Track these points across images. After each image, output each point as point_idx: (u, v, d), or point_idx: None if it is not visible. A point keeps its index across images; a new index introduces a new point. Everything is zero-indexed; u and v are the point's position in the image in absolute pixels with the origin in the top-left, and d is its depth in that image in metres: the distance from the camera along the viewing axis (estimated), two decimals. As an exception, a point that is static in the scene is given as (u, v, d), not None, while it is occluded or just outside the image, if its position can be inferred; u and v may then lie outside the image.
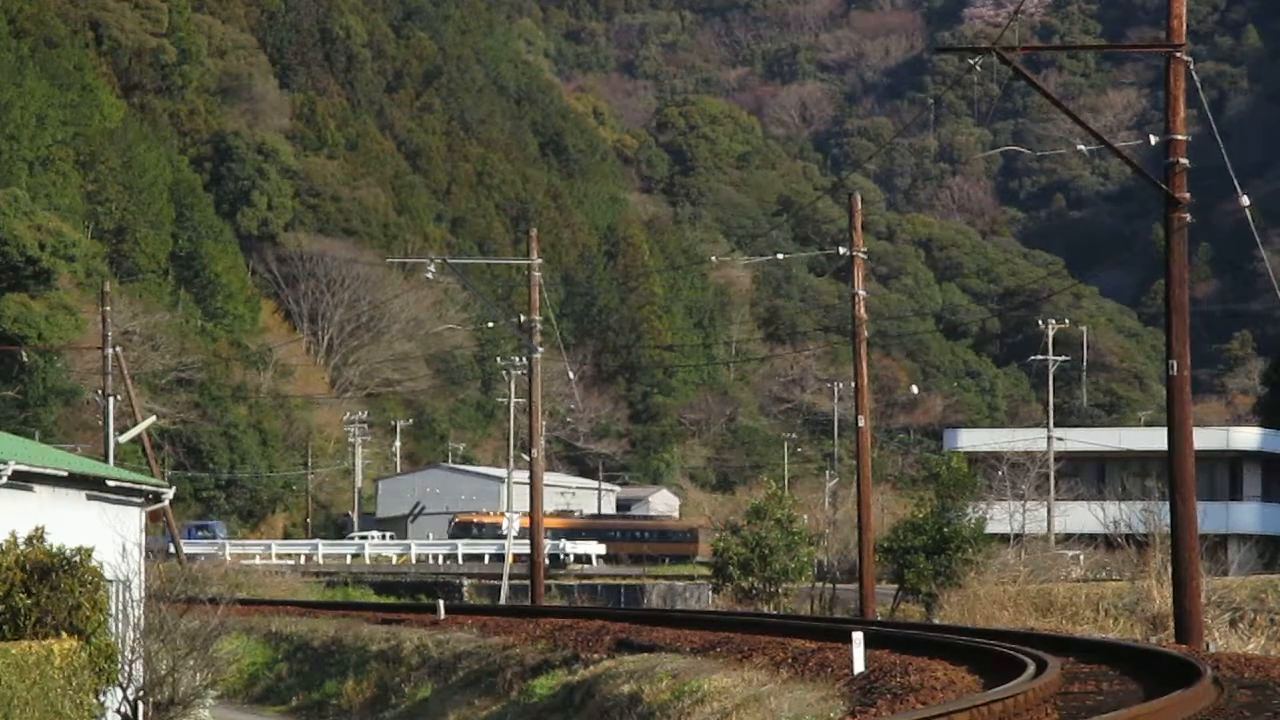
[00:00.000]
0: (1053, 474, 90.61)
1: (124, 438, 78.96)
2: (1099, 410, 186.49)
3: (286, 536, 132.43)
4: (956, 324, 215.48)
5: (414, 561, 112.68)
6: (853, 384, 57.79)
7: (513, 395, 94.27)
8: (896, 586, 69.14)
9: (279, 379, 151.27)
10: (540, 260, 65.90)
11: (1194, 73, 33.48)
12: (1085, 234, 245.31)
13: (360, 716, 50.40)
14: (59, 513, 33.39)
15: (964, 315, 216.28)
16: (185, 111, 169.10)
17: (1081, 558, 76.33)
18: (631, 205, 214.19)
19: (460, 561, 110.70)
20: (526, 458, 71.39)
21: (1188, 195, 33.45)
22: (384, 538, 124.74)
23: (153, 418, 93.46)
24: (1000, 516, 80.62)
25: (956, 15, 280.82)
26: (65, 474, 34.85)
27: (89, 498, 35.54)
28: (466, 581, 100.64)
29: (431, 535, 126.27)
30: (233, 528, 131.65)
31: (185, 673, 35.47)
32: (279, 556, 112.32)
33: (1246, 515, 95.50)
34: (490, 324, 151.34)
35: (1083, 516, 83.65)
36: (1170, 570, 35.72)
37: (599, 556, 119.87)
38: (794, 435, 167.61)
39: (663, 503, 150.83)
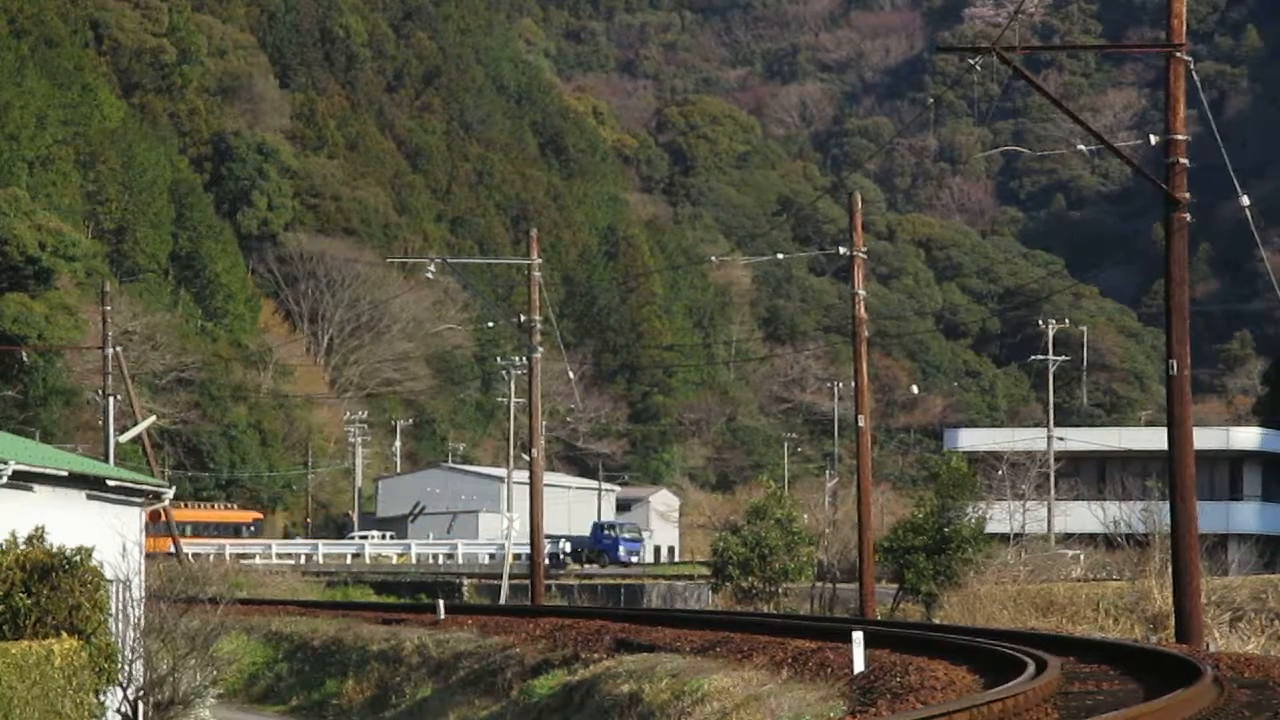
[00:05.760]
0: (1053, 474, 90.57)
1: (124, 438, 78.97)
2: (1099, 410, 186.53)
3: (286, 536, 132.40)
4: (956, 324, 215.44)
5: (414, 561, 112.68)
6: (853, 384, 57.78)
7: (513, 395, 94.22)
8: (896, 586, 69.10)
9: (279, 379, 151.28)
10: (540, 260, 65.91)
11: (1194, 73, 33.48)
12: (1085, 234, 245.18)
13: (360, 716, 50.41)
14: (59, 513, 33.37)
15: (964, 315, 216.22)
16: (185, 111, 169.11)
17: (1081, 557, 76.30)
18: (631, 205, 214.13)
19: (460, 561, 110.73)
20: (526, 458, 71.39)
21: (1188, 195, 33.44)
22: (384, 538, 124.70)
23: (153, 418, 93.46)
24: (1000, 516, 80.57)
25: (956, 15, 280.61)
26: (65, 474, 34.84)
27: (89, 497, 35.53)
28: (466, 581, 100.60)
29: (432, 535, 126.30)
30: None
31: (185, 672, 35.48)
32: (279, 556, 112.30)
33: (1246, 515, 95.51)
34: (490, 324, 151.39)
35: (1083, 516, 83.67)
36: (1170, 570, 35.74)
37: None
38: (794, 435, 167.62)
39: (663, 502, 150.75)
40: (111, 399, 77.31)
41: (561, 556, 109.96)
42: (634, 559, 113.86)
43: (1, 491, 32.12)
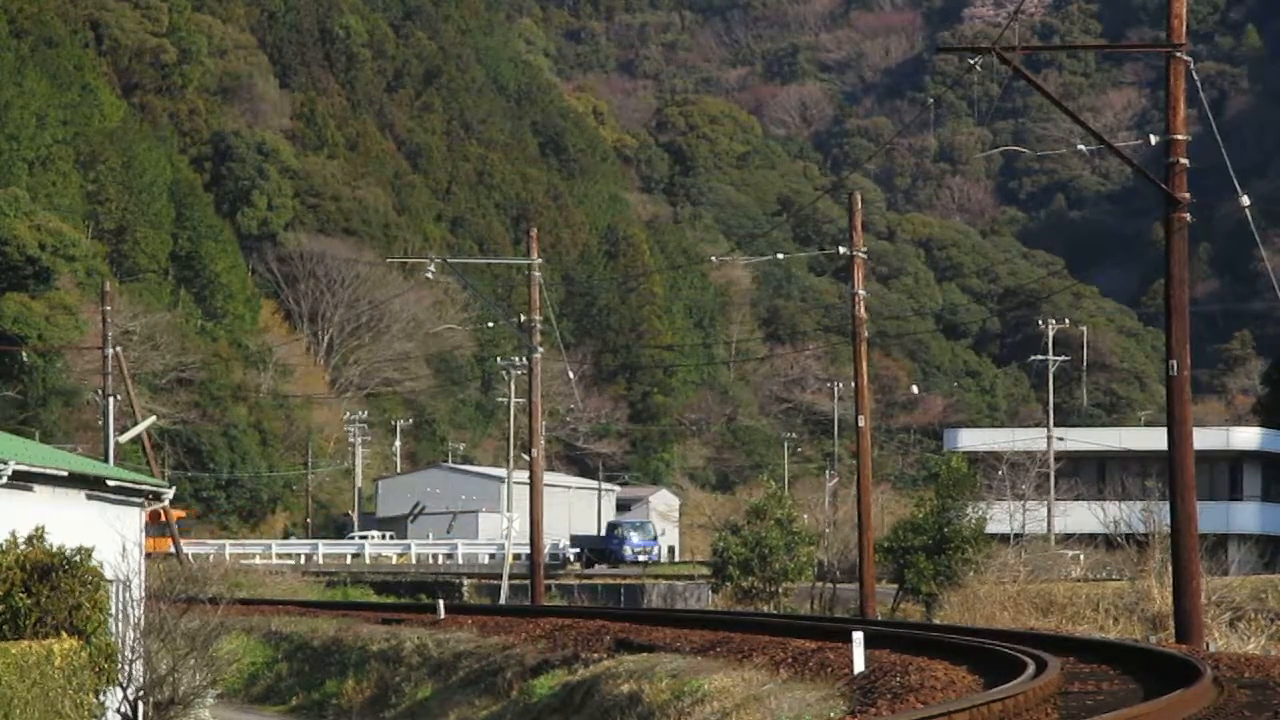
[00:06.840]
0: (1053, 474, 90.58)
1: (124, 438, 78.98)
2: (1099, 410, 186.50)
3: (286, 536, 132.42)
4: (956, 324, 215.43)
5: (414, 561, 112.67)
6: (853, 384, 57.79)
7: (513, 395, 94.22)
8: (896, 586, 69.12)
9: (279, 379, 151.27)
10: (540, 260, 65.94)
11: (1194, 73, 33.48)
12: (1085, 234, 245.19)
13: (360, 716, 50.39)
14: (59, 512, 33.36)
15: (964, 315, 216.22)
16: (185, 111, 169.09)
17: (1081, 557, 76.29)
18: (631, 205, 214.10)
19: (460, 561, 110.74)
20: (526, 458, 71.38)
21: (1188, 195, 33.44)
22: (384, 538, 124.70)
23: (153, 418, 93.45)
24: (1000, 516, 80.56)
25: (956, 15, 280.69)
26: (65, 474, 34.83)
27: (89, 497, 35.52)
28: (466, 581, 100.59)
29: (432, 535, 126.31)
30: (233, 528, 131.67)
31: (185, 672, 35.47)
32: (279, 556, 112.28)
33: (1246, 515, 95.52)
34: (490, 324, 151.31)
35: (1083, 516, 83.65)
36: (1170, 570, 35.74)
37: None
38: (794, 435, 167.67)
39: (663, 502, 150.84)
40: (111, 399, 77.30)
41: (561, 557, 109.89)
42: (642, 557, 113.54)
43: (1, 491, 32.11)
